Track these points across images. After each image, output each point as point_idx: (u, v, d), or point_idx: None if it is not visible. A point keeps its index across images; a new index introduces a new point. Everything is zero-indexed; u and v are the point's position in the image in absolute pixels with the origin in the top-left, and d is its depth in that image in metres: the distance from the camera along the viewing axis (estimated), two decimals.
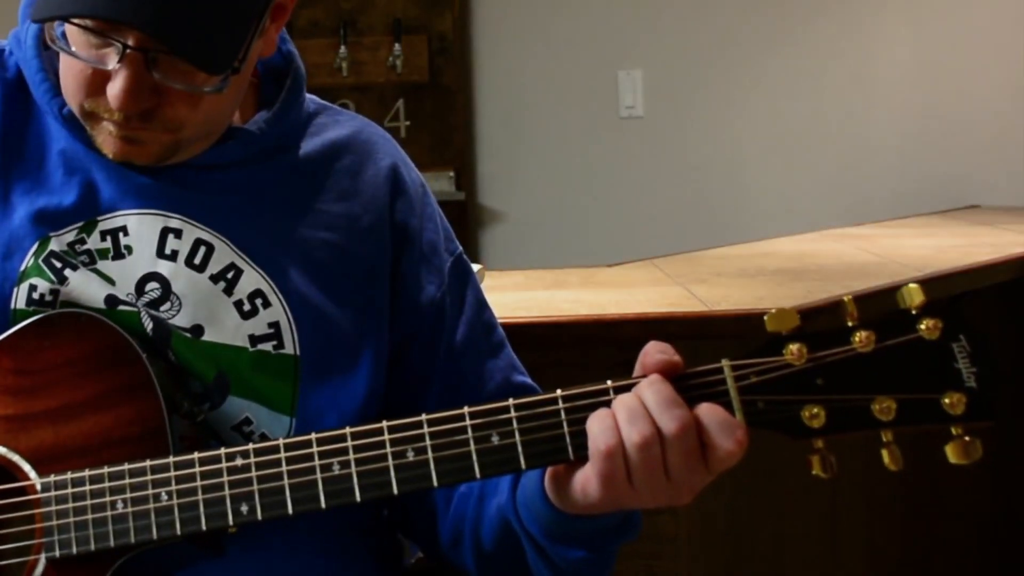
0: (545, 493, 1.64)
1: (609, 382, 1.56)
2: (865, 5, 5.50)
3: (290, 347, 1.81)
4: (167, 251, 1.79)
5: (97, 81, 1.68)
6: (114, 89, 1.65)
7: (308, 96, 1.97)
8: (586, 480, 1.56)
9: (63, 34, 1.69)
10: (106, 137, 1.74)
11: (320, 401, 1.81)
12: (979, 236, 4.15)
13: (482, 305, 2.01)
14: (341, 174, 1.93)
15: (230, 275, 1.81)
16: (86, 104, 1.71)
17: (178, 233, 1.80)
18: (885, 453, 1.50)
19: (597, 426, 1.53)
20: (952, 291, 3.21)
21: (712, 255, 3.83)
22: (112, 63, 1.65)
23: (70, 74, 1.71)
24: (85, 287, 1.78)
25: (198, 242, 1.80)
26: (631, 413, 1.51)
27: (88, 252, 1.79)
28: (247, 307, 1.80)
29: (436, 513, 1.90)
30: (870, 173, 5.47)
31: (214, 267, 1.80)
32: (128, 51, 1.63)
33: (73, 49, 1.67)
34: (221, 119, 1.81)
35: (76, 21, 1.62)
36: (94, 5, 1.59)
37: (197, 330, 1.79)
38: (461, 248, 2.04)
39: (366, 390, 1.84)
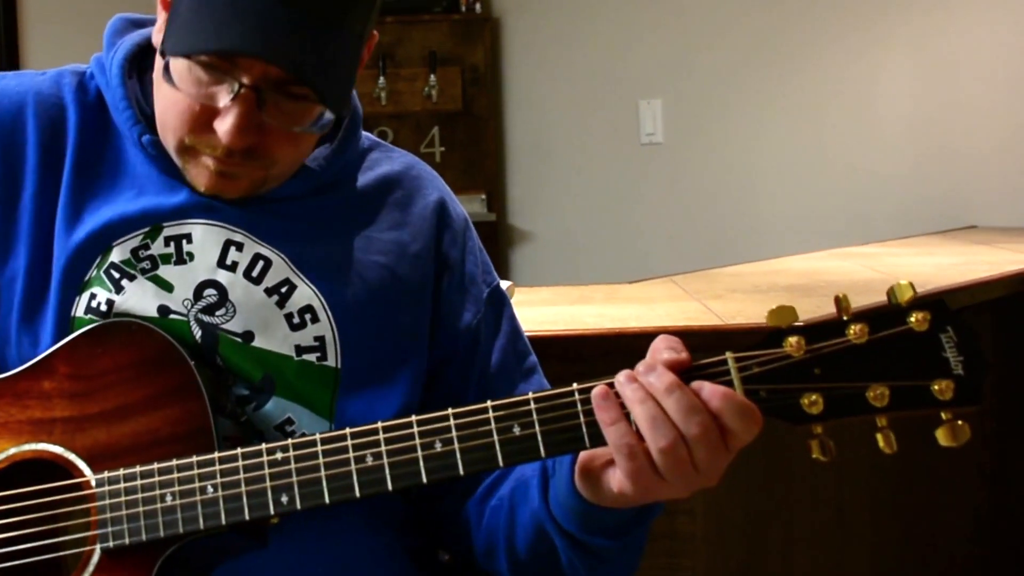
0: (577, 491, 1.63)
1: (620, 374, 1.55)
2: (869, 40, 5.48)
3: (332, 360, 1.82)
4: (228, 262, 1.80)
5: (202, 118, 1.70)
6: (225, 125, 1.67)
7: (363, 133, 1.98)
8: (621, 483, 1.55)
9: (167, 67, 1.69)
10: (201, 171, 1.76)
11: (356, 412, 1.81)
12: (976, 255, 4.13)
13: (517, 333, 2.02)
14: (392, 206, 1.94)
15: (284, 289, 1.81)
16: (187, 139, 1.73)
17: (240, 246, 1.81)
18: (880, 437, 1.51)
19: (614, 434, 1.52)
20: (951, 306, 3.21)
21: (727, 272, 3.83)
22: (224, 100, 1.67)
23: (175, 110, 1.72)
24: (140, 298, 1.78)
25: (257, 256, 1.81)
26: (653, 421, 1.50)
27: (151, 258, 1.79)
28: (296, 320, 1.81)
29: (470, 526, 1.90)
30: (874, 196, 5.45)
31: (270, 281, 1.81)
32: (243, 89, 1.65)
33: (182, 84, 1.68)
34: (306, 156, 1.83)
35: (202, 59, 1.64)
36: (243, 42, 1.61)
37: (248, 336, 1.80)
38: (498, 279, 2.04)
39: (401, 405, 1.84)
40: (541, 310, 3.04)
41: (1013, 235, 4.69)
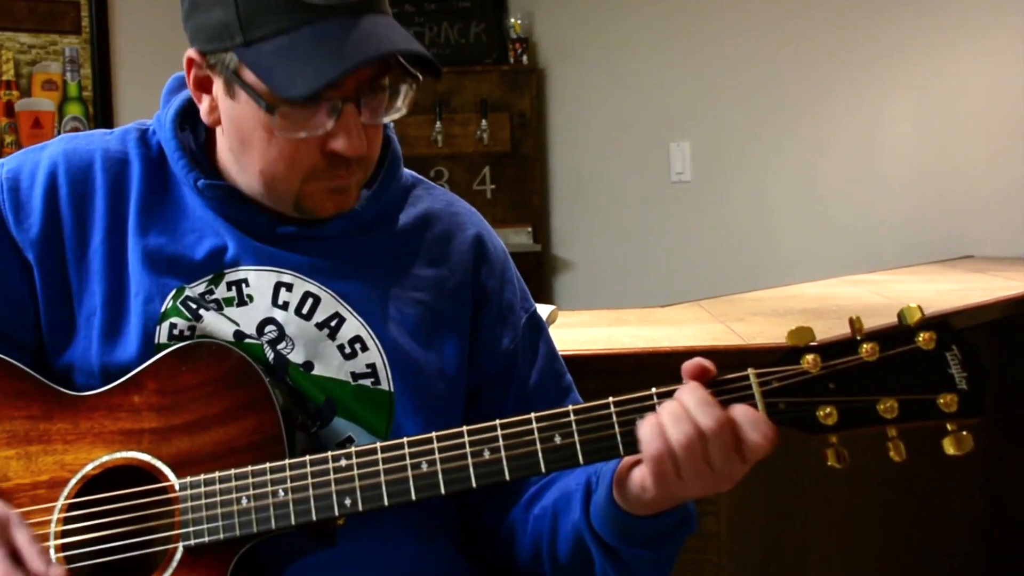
0: (615, 503, 1.64)
1: (654, 389, 1.58)
2: (874, 89, 5.47)
3: (385, 384, 1.81)
4: (280, 302, 1.81)
5: (311, 156, 1.71)
6: (344, 143, 1.69)
7: (405, 170, 1.98)
8: (643, 479, 1.58)
9: (270, 123, 1.70)
10: (320, 199, 1.77)
11: (409, 430, 1.80)
12: (973, 281, 4.11)
13: (553, 356, 2.01)
14: (432, 242, 1.94)
15: (334, 323, 1.81)
16: (304, 179, 1.74)
17: (289, 287, 1.81)
18: (890, 447, 1.52)
19: (648, 432, 1.54)
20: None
21: (748, 297, 3.81)
22: (329, 123, 1.68)
23: (281, 159, 1.72)
24: (217, 324, 1.79)
25: (306, 295, 1.81)
26: (674, 416, 1.53)
27: (216, 300, 1.80)
28: (348, 350, 1.81)
29: (515, 531, 1.89)
30: (880, 229, 5.43)
31: (319, 316, 1.81)
32: (344, 104, 1.67)
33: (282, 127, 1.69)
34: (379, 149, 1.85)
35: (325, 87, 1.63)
36: (358, 53, 1.63)
37: (308, 365, 1.80)
38: (535, 306, 2.03)
39: (448, 422, 1.80)
40: (582, 331, 3.02)
41: (1005, 264, 4.68)
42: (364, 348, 1.82)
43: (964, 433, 1.50)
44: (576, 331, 3.01)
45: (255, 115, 1.70)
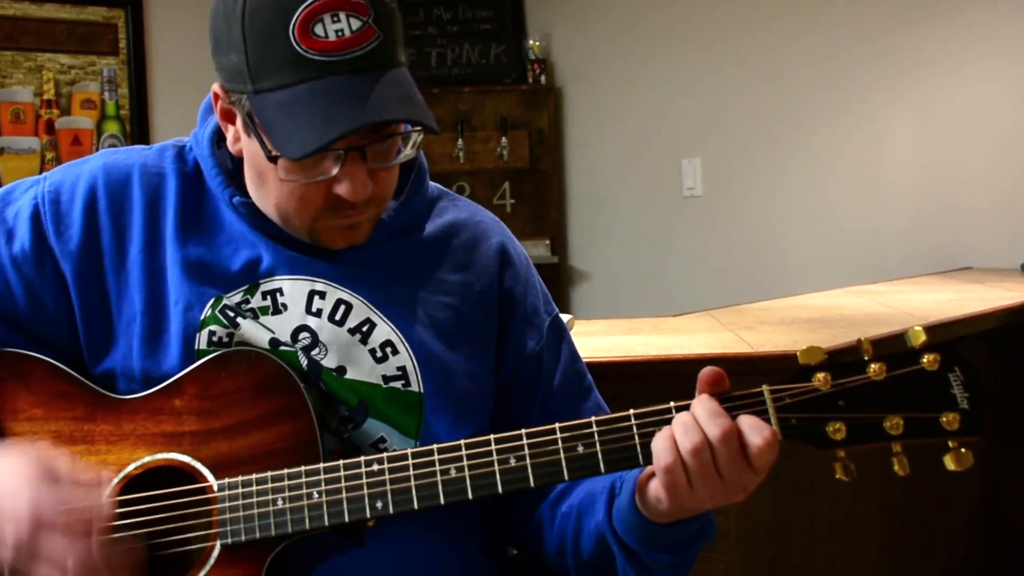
0: (637, 510, 1.66)
1: (672, 403, 1.59)
2: (877, 107, 5.45)
3: (415, 386, 1.81)
4: (313, 309, 1.81)
5: (322, 193, 1.70)
6: (348, 188, 1.68)
7: (431, 183, 1.98)
8: (657, 491, 1.59)
9: (277, 168, 1.70)
10: (333, 233, 1.77)
11: (438, 430, 1.81)
12: (971, 292, 4.10)
13: (575, 357, 2.01)
14: (458, 249, 1.93)
15: (365, 328, 1.81)
16: (315, 218, 1.74)
17: (322, 295, 1.81)
18: (895, 461, 1.53)
19: (660, 445, 1.56)
20: (950, 336, 3.19)
21: (757, 307, 3.81)
22: (334, 169, 1.67)
23: (293, 199, 1.72)
24: (254, 332, 1.80)
25: (339, 302, 1.81)
26: (685, 426, 1.54)
27: (252, 310, 1.80)
28: (379, 354, 1.81)
29: (543, 527, 1.90)
30: (882, 241, 5.42)
31: (352, 322, 1.81)
32: (347, 154, 1.65)
33: (290, 176, 1.69)
34: (395, 184, 1.83)
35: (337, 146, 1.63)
36: (351, 120, 1.61)
37: (341, 370, 1.80)
38: (557, 310, 2.03)
39: (477, 424, 1.85)
40: (597, 339, 3.03)
41: (1003, 275, 4.66)
42: (395, 352, 1.82)
43: (964, 450, 1.52)
44: (592, 339, 3.01)
45: (265, 157, 1.70)
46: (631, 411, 1.60)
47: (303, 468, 1.67)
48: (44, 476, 1.63)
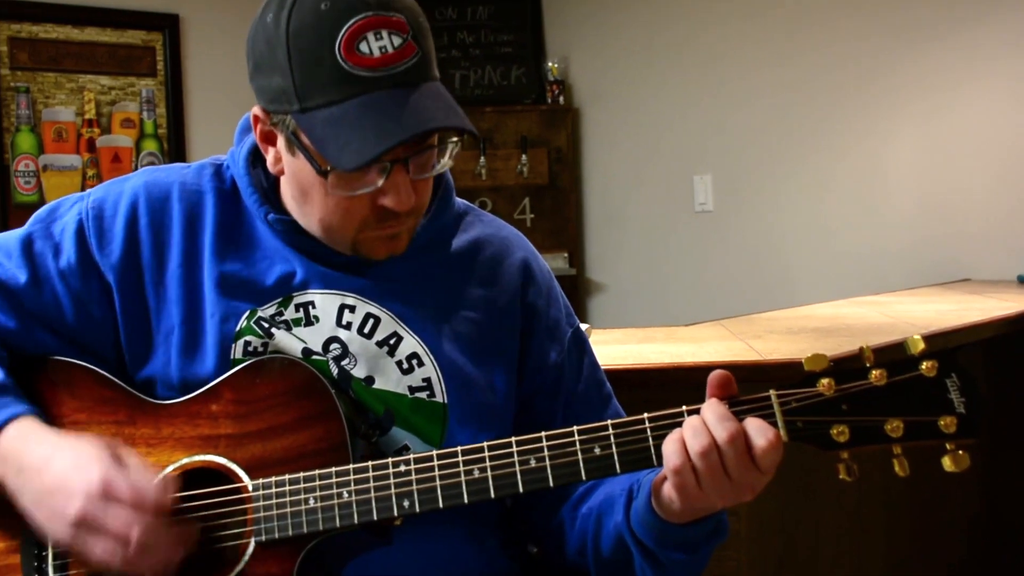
0: (653, 510, 1.66)
1: (684, 407, 1.59)
2: (879, 123, 5.44)
3: (440, 397, 1.82)
4: (344, 322, 1.81)
5: (367, 206, 1.71)
6: (394, 199, 1.69)
7: (457, 199, 1.98)
8: (670, 491, 1.59)
9: (327, 182, 1.70)
10: (375, 244, 1.77)
11: (462, 439, 1.80)
12: (970, 302, 4.08)
13: (595, 367, 2.00)
14: (483, 264, 1.93)
15: (392, 341, 1.82)
16: (360, 230, 1.74)
17: (352, 308, 1.82)
18: (895, 463, 1.53)
19: (670, 448, 1.56)
20: (949, 344, 3.17)
21: (765, 317, 3.79)
22: (380, 181, 1.67)
23: (339, 212, 1.73)
24: (287, 342, 1.80)
25: (368, 315, 1.82)
26: (694, 429, 1.55)
27: (285, 321, 1.81)
28: (405, 366, 1.81)
29: (564, 527, 1.90)
30: (885, 255, 5.39)
31: (380, 335, 1.81)
32: (393, 165, 1.66)
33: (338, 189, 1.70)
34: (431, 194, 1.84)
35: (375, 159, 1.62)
36: (401, 131, 1.61)
37: (369, 380, 1.81)
38: (579, 322, 2.03)
39: (499, 433, 1.82)
40: (613, 348, 3.01)
41: (1000, 286, 4.64)
42: (420, 364, 1.82)
43: (961, 452, 1.52)
44: (608, 348, 3.00)
45: (312, 173, 1.70)
46: (645, 415, 1.61)
47: (333, 469, 1.67)
48: (113, 457, 1.65)
